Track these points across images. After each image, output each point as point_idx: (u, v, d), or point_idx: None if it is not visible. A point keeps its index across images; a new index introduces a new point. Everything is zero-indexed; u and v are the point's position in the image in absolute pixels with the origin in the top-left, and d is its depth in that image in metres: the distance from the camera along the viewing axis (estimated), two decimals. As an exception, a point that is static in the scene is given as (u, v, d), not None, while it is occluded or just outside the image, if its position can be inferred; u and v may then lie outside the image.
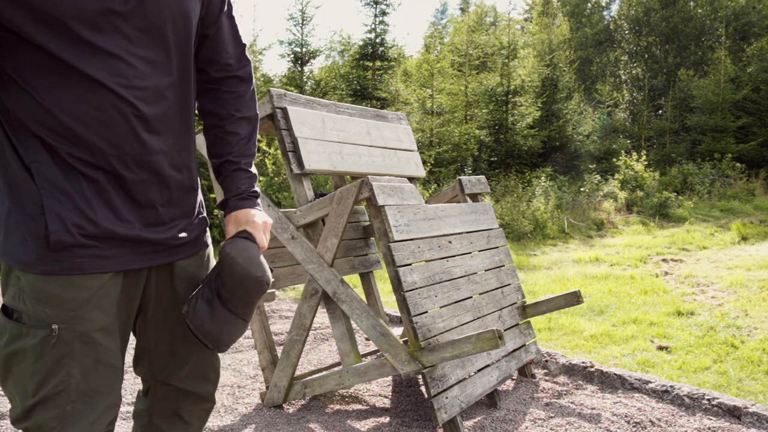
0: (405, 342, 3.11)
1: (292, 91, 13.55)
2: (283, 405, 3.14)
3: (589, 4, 29.61)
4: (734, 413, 2.87)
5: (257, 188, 1.52)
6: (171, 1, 1.31)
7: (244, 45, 1.53)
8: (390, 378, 3.56)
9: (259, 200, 1.52)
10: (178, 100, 1.38)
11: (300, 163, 2.95)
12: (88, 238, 1.27)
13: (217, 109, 1.50)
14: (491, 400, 3.10)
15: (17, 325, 1.26)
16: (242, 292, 1.39)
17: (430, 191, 11.80)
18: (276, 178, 10.10)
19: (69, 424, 1.28)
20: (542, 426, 2.86)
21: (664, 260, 8.01)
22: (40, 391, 1.27)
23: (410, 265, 2.73)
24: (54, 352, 1.26)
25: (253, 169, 1.52)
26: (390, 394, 3.34)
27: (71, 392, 1.28)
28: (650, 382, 3.25)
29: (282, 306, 5.74)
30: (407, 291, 2.64)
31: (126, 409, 2.98)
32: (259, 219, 1.49)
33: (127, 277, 1.36)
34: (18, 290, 1.27)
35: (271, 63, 70.63)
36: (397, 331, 3.42)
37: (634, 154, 16.55)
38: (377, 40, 15.28)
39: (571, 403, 3.15)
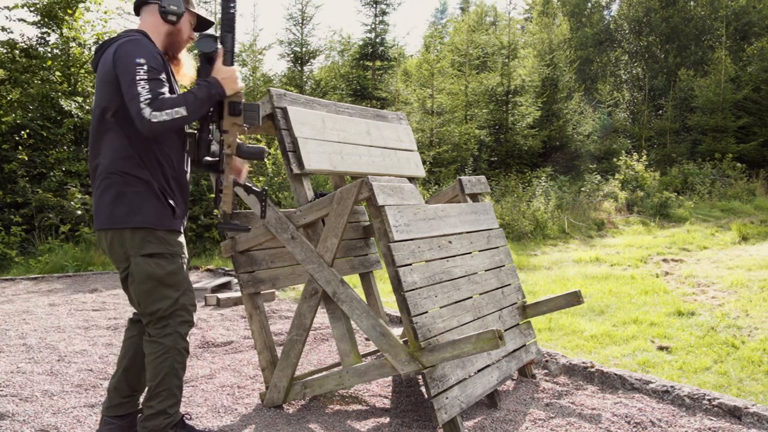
0: (405, 342, 3.11)
1: (292, 91, 13.55)
2: (283, 405, 3.14)
3: (589, 4, 29.58)
4: (735, 413, 2.87)
5: None
6: None
7: None
8: (390, 378, 3.55)
9: None
10: None
11: (300, 163, 2.94)
12: (178, 215, 2.55)
13: None
14: (491, 400, 3.10)
15: (168, 259, 2.45)
16: None
17: (430, 191, 11.80)
18: (276, 178, 10.10)
19: (192, 304, 2.53)
20: (542, 426, 2.85)
21: (664, 260, 8.01)
22: (183, 287, 2.49)
23: (410, 265, 2.72)
24: (185, 269, 2.52)
25: None
26: (390, 394, 3.34)
27: (191, 288, 2.54)
28: (651, 382, 3.24)
29: (282, 306, 5.73)
30: (407, 291, 2.64)
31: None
32: None
33: None
34: (159, 242, 2.42)
35: (271, 63, 70.41)
36: (397, 331, 3.42)
37: (635, 154, 16.55)
38: (377, 40, 15.27)
39: (572, 403, 3.14)
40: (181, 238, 2.54)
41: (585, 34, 27.00)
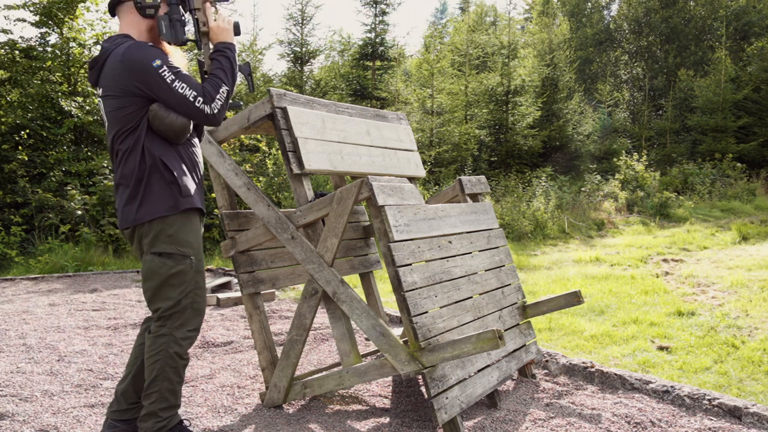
0: (405, 342, 3.11)
1: (292, 91, 13.54)
2: (283, 405, 3.14)
3: (589, 4, 29.57)
4: (735, 414, 2.87)
5: None
6: None
7: None
8: (390, 378, 3.55)
9: None
10: None
11: (300, 163, 2.94)
12: (185, 192, 2.52)
13: None
14: (491, 400, 3.10)
15: (175, 259, 2.41)
16: None
17: (430, 191, 11.80)
18: (276, 178, 10.10)
19: (198, 308, 2.49)
20: (543, 426, 2.85)
21: (664, 260, 8.01)
22: (188, 289, 2.44)
23: (410, 265, 2.72)
24: (194, 271, 2.47)
25: None
26: (390, 394, 3.34)
27: (200, 292, 2.49)
28: (651, 382, 3.24)
29: (282, 306, 5.73)
30: (407, 291, 2.64)
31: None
32: None
33: None
34: (170, 242, 2.40)
35: (271, 63, 70.55)
36: (397, 331, 3.42)
37: (635, 154, 16.54)
38: (377, 40, 15.27)
39: (572, 403, 3.14)
40: (197, 226, 2.49)
41: (585, 34, 27.00)
